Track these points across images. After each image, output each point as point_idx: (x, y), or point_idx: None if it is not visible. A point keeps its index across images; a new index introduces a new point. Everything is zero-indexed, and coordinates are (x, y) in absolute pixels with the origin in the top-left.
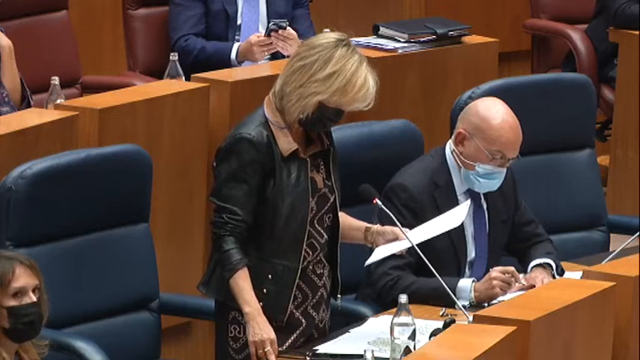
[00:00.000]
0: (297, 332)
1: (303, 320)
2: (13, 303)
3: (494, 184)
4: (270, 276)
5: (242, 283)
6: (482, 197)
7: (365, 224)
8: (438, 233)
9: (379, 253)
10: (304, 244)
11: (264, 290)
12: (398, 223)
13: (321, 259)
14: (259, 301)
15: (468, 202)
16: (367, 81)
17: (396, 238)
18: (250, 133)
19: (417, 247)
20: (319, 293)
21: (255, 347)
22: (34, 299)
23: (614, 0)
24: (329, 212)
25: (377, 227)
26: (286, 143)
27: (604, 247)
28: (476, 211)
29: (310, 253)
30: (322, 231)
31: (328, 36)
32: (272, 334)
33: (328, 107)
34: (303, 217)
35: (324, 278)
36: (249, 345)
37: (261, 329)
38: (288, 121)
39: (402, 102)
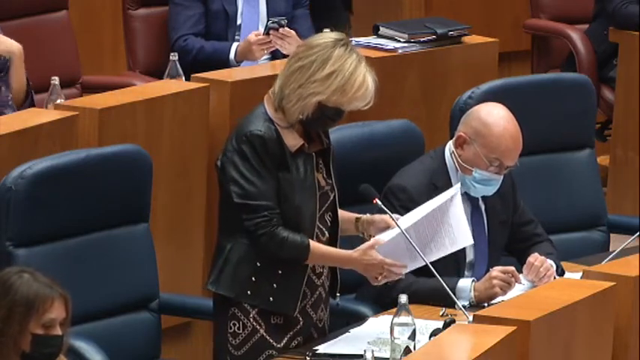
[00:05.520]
0: (294, 331)
1: (301, 319)
2: (39, 331)
3: (489, 190)
4: (280, 271)
5: (323, 249)
6: (480, 199)
7: (355, 215)
8: (426, 214)
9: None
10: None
11: (274, 285)
12: (398, 224)
13: None
14: (269, 296)
15: (458, 185)
16: (366, 80)
17: (387, 227)
18: (260, 130)
19: (406, 235)
20: (317, 292)
21: (377, 272)
22: (60, 333)
23: (611, 1)
24: (329, 210)
25: (367, 217)
26: (292, 139)
27: (604, 247)
28: (474, 213)
29: None
30: (324, 229)
31: (326, 36)
32: (378, 256)
33: (328, 107)
34: (312, 212)
35: (322, 277)
36: (371, 281)
37: (365, 259)
38: (289, 121)
39: (402, 102)
